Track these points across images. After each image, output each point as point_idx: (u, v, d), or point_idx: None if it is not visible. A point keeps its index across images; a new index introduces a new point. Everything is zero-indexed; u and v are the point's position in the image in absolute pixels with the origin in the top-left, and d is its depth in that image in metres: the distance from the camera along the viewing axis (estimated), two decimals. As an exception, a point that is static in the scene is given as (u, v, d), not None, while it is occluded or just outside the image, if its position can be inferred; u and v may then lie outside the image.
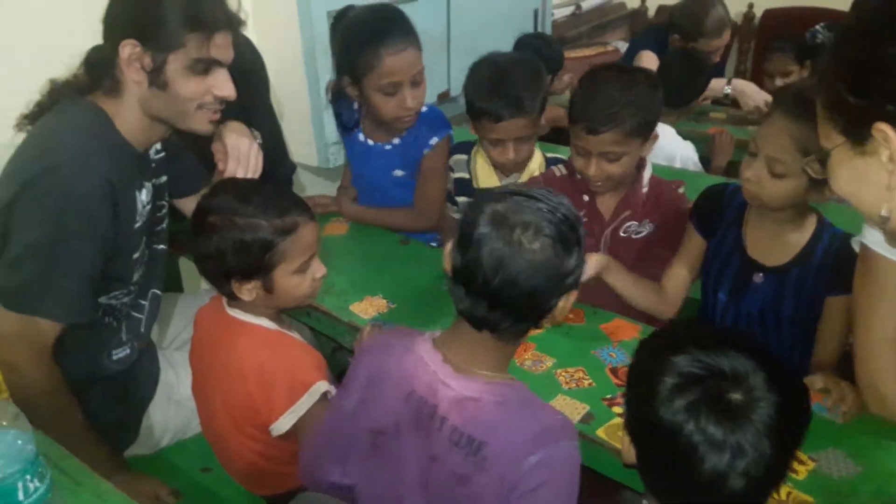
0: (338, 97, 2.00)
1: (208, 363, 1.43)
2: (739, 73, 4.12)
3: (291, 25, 2.31)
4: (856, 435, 1.26)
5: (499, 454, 1.04)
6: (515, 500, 1.03)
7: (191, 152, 1.75)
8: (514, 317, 1.05)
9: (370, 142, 2.03)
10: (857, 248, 1.34)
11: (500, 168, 1.87)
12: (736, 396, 0.83)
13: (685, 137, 2.58)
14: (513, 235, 1.01)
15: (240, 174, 1.63)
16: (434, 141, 1.95)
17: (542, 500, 1.03)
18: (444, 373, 1.10)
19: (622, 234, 1.74)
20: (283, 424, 1.34)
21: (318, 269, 1.42)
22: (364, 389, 1.19)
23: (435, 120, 1.97)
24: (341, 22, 1.88)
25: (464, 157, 1.97)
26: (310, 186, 2.55)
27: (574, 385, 1.42)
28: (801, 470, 1.19)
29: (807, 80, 1.75)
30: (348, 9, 1.90)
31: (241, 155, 1.64)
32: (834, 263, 1.51)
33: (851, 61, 0.89)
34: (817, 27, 3.15)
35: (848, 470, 1.20)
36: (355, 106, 2.01)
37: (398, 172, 2.02)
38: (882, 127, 0.83)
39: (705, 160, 2.63)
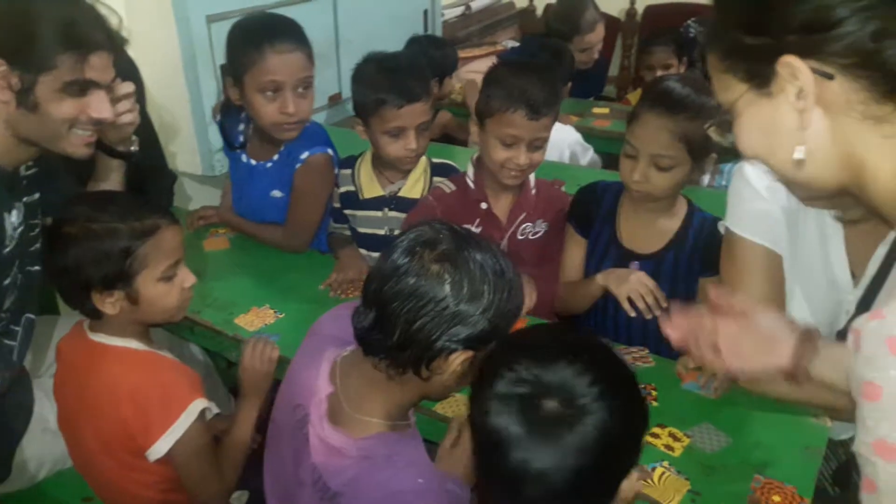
0: (226, 111, 1.94)
1: (76, 394, 1.37)
2: (624, 69, 4.27)
3: (168, 30, 2.23)
4: (726, 409, 1.34)
5: None
6: None
7: (65, 171, 1.66)
8: (394, 343, 0.98)
9: (252, 162, 1.97)
10: (723, 230, 1.41)
11: (398, 164, 1.85)
12: (553, 409, 0.82)
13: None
14: (423, 253, 0.97)
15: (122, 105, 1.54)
16: (305, 155, 1.88)
17: None
18: (320, 411, 1.08)
19: (520, 237, 1.76)
20: (160, 448, 1.29)
21: (186, 277, 1.37)
22: (286, 383, 1.20)
23: (312, 135, 1.90)
24: (233, 26, 1.85)
25: (348, 171, 1.94)
26: (196, 196, 2.46)
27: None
28: (677, 447, 1.25)
29: (668, 74, 1.82)
30: (245, 18, 1.89)
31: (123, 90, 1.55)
32: (704, 246, 1.59)
33: (743, 1, 0.84)
34: (689, 22, 3.31)
35: (720, 443, 1.26)
36: (240, 127, 1.96)
37: (276, 193, 1.95)
38: (787, 59, 0.77)
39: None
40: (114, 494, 1.42)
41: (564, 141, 2.59)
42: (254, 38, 1.74)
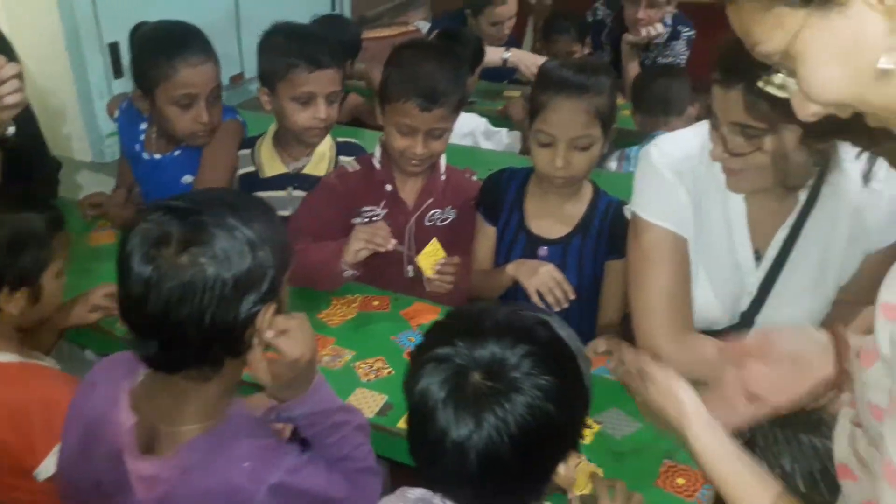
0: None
1: None
2: (536, 51, 4.26)
3: (47, 3, 2.09)
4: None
5: None
6: None
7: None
8: (197, 348, 0.91)
9: (157, 156, 1.90)
10: (629, 215, 1.41)
11: (305, 135, 1.79)
12: (479, 382, 0.82)
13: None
14: (162, 253, 0.87)
15: None
16: None
17: None
18: (130, 446, 0.97)
19: (427, 223, 1.72)
20: (49, 465, 1.18)
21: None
22: (82, 437, 1.04)
23: None
24: (136, 33, 1.86)
25: (247, 151, 1.87)
26: (86, 185, 2.31)
27: (373, 376, 1.39)
28: (587, 434, 1.24)
29: (549, 62, 1.78)
30: (143, 23, 1.89)
31: None
32: (610, 230, 1.60)
33: None
34: (597, 4, 3.34)
35: (629, 428, 1.26)
36: (142, 126, 1.92)
37: (188, 178, 1.87)
38: None
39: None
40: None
41: (470, 126, 2.53)
42: (164, 50, 1.72)
